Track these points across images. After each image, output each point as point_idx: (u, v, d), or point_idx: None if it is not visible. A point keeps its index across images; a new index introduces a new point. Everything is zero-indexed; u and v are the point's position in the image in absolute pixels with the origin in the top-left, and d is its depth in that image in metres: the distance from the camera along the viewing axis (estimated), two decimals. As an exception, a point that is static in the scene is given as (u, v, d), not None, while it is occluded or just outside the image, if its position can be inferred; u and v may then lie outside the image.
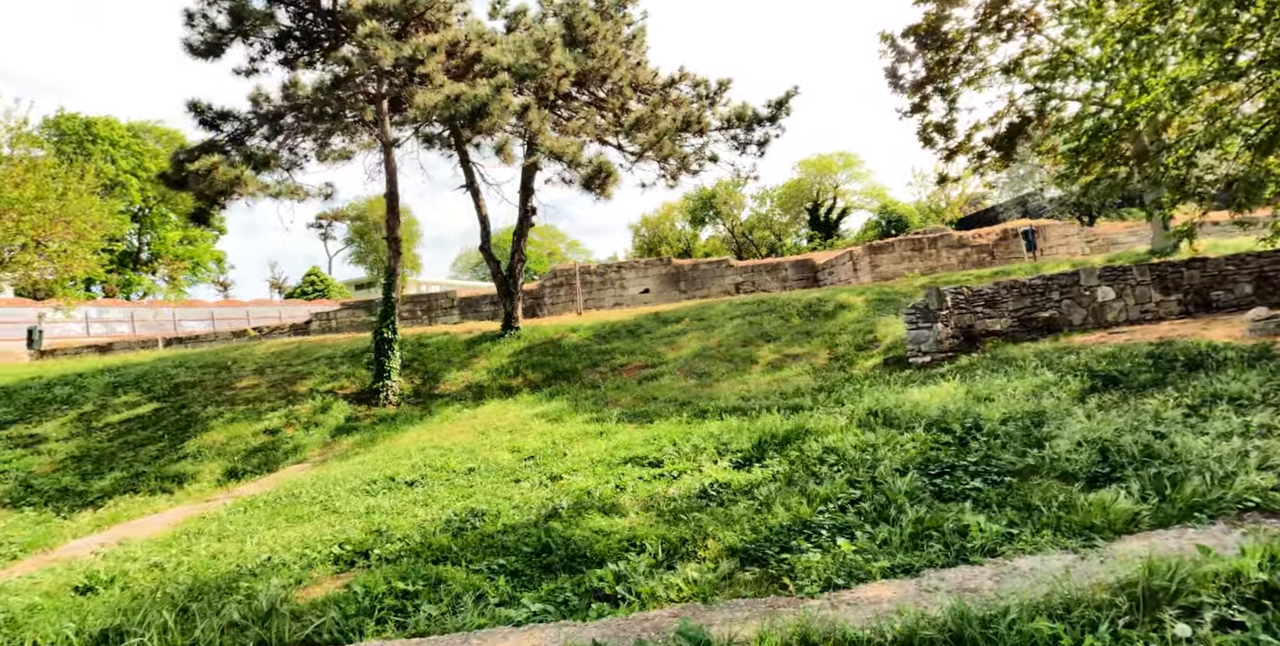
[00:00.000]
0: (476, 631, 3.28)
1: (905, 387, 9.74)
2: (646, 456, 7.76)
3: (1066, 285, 14.04)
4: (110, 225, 23.43)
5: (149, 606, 3.93)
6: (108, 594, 4.54)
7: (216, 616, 3.67)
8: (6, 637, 3.62)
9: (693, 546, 4.28)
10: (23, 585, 5.06)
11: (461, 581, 3.96)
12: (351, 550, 4.90)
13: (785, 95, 15.22)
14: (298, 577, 4.47)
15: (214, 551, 5.40)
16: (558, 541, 4.50)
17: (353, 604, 3.77)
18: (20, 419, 13.81)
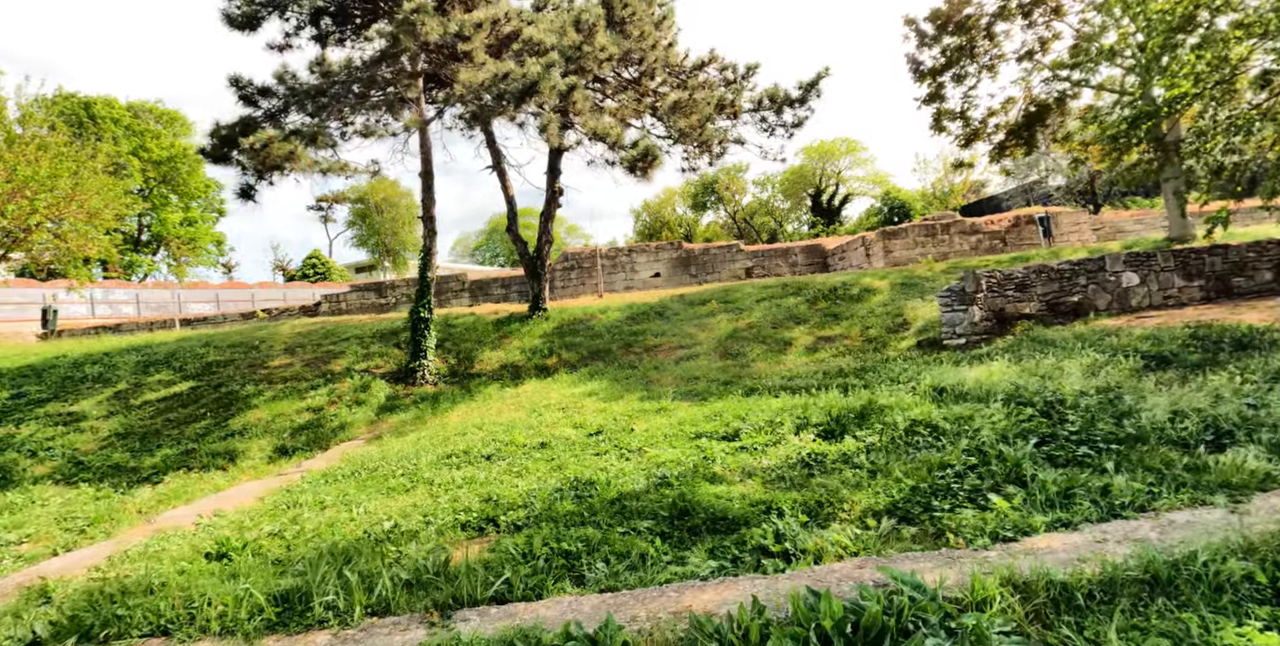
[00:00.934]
0: (667, 585, 3.40)
1: (957, 367, 9.92)
2: (716, 431, 7.90)
3: (1093, 270, 14.29)
4: (123, 205, 23.15)
5: (309, 568, 4.02)
6: (241, 560, 4.60)
7: (389, 574, 3.76)
8: (180, 600, 3.69)
9: (831, 509, 4.41)
10: (148, 552, 5.13)
11: (617, 542, 4.07)
12: (478, 517, 4.99)
13: (816, 77, 15.24)
14: (434, 542, 4.57)
15: (327, 520, 5.48)
16: (693, 505, 4.62)
17: (519, 564, 3.88)
18: (54, 397, 13.76)
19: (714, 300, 17.48)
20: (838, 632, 2.62)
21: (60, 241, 21.72)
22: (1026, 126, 19.50)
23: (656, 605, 3.15)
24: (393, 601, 3.42)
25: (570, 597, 3.36)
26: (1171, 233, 18.37)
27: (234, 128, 11.97)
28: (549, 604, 3.30)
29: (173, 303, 33.14)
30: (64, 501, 9.33)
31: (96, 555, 5.23)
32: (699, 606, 3.08)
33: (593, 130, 12.66)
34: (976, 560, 3.35)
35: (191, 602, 3.59)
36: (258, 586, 3.78)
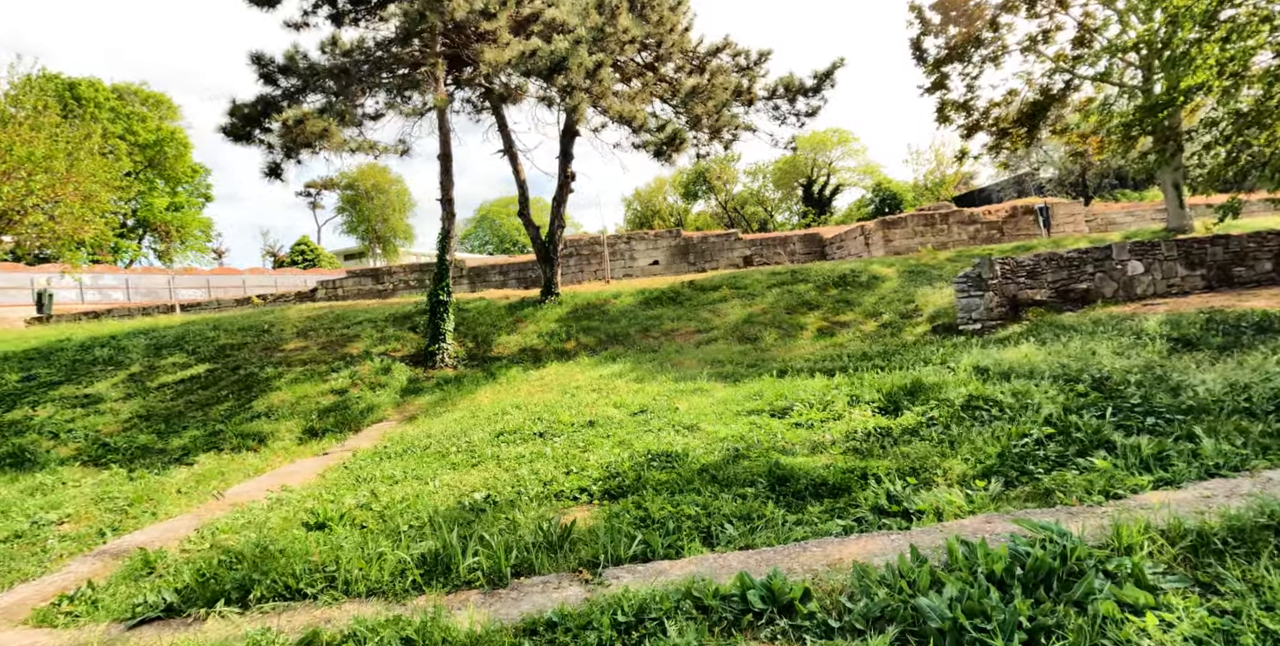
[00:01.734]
0: (804, 542, 3.51)
1: (985, 349, 10.14)
2: (763, 408, 8.03)
3: (1099, 259, 14.63)
4: (118, 187, 22.72)
5: (440, 531, 4.08)
6: (342, 530, 4.63)
7: (514, 538, 3.84)
8: (307, 565, 3.73)
9: (926, 475, 4.56)
10: (241, 524, 5.14)
11: (727, 507, 4.18)
12: (570, 487, 5.07)
13: (831, 66, 15.34)
14: (536, 510, 4.64)
15: (413, 492, 5.50)
16: (790, 473, 4.74)
17: (642, 527, 3.97)
18: (67, 380, 13.56)
19: (725, 286, 17.61)
20: (1008, 575, 2.76)
21: (55, 224, 21.29)
22: (1030, 117, 19.79)
23: (805, 559, 3.26)
24: (536, 562, 3.49)
25: (713, 555, 3.46)
26: (1170, 224, 18.80)
27: (255, 106, 11.81)
28: (693, 561, 3.40)
29: (163, 288, 32.62)
30: (96, 482, 9.25)
31: (177, 529, 5.23)
32: (848, 558, 3.20)
33: (619, 113, 12.66)
34: (1095, 514, 3.50)
35: (324, 567, 3.63)
36: (386, 551, 3.82)
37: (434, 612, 2.83)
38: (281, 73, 12.05)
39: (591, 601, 2.94)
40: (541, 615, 2.86)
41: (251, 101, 12.27)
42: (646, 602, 2.76)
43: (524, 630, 2.75)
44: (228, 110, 12.40)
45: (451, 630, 2.73)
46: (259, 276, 36.73)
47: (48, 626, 3.40)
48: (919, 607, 2.58)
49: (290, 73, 12.05)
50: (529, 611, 2.96)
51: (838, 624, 2.63)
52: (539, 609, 2.98)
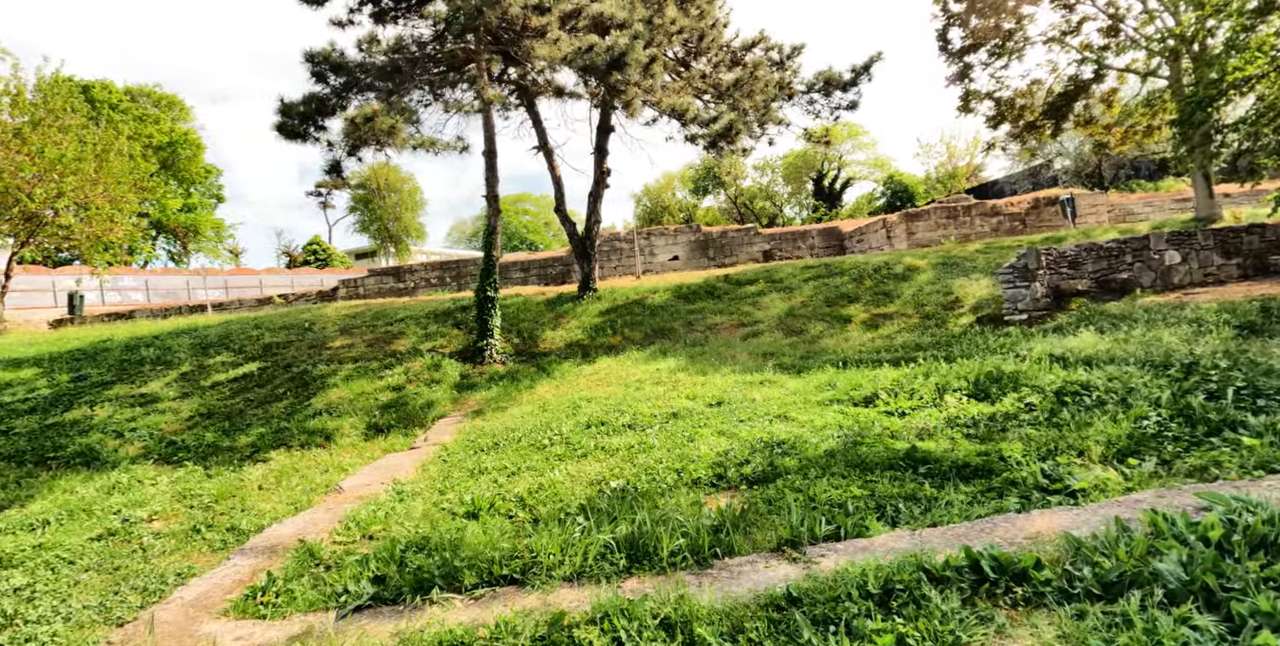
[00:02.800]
0: (989, 519, 3.61)
1: (1047, 338, 10.25)
2: (843, 398, 8.13)
3: (1138, 249, 14.73)
4: (146, 187, 22.76)
5: (588, 519, 4.17)
6: (492, 519, 4.70)
7: (694, 521, 3.92)
8: (496, 553, 3.80)
9: (1065, 456, 4.65)
10: (384, 516, 5.19)
11: (891, 488, 4.27)
12: (706, 475, 5.16)
13: (869, 60, 15.42)
14: (683, 496, 4.72)
15: (533, 483, 5.57)
16: (928, 456, 4.83)
17: (809, 509, 4.06)
18: (118, 380, 13.64)
19: (760, 280, 17.70)
20: (1225, 541, 2.85)
21: (84, 225, 21.33)
22: (1058, 108, 19.85)
23: (1000, 533, 3.36)
24: (734, 543, 3.58)
25: (905, 532, 3.55)
26: (1199, 213, 18.89)
27: (309, 104, 11.86)
28: (892, 537, 3.50)
29: (182, 289, 32.67)
30: (172, 480, 9.33)
31: (315, 522, 5.30)
32: (1046, 531, 3.29)
33: (670, 107, 12.73)
34: (1262, 487, 3.60)
35: (515, 554, 3.71)
36: (588, 536, 3.88)
37: (678, 590, 2.92)
38: (333, 71, 12.09)
39: (814, 576, 3.03)
40: (772, 591, 2.95)
41: (302, 99, 12.32)
42: (890, 575, 2.85)
43: (766, 605, 2.84)
44: (278, 109, 12.45)
45: (698, 607, 2.83)
46: (275, 276, 36.77)
47: (252, 617, 3.47)
48: (1158, 571, 2.68)
49: (341, 71, 12.09)
50: (754, 588, 3.05)
51: (1075, 590, 2.73)
52: (762, 585, 3.08)
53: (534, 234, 63.27)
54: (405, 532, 4.38)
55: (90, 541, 7.46)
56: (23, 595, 6.15)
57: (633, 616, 2.75)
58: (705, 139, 12.83)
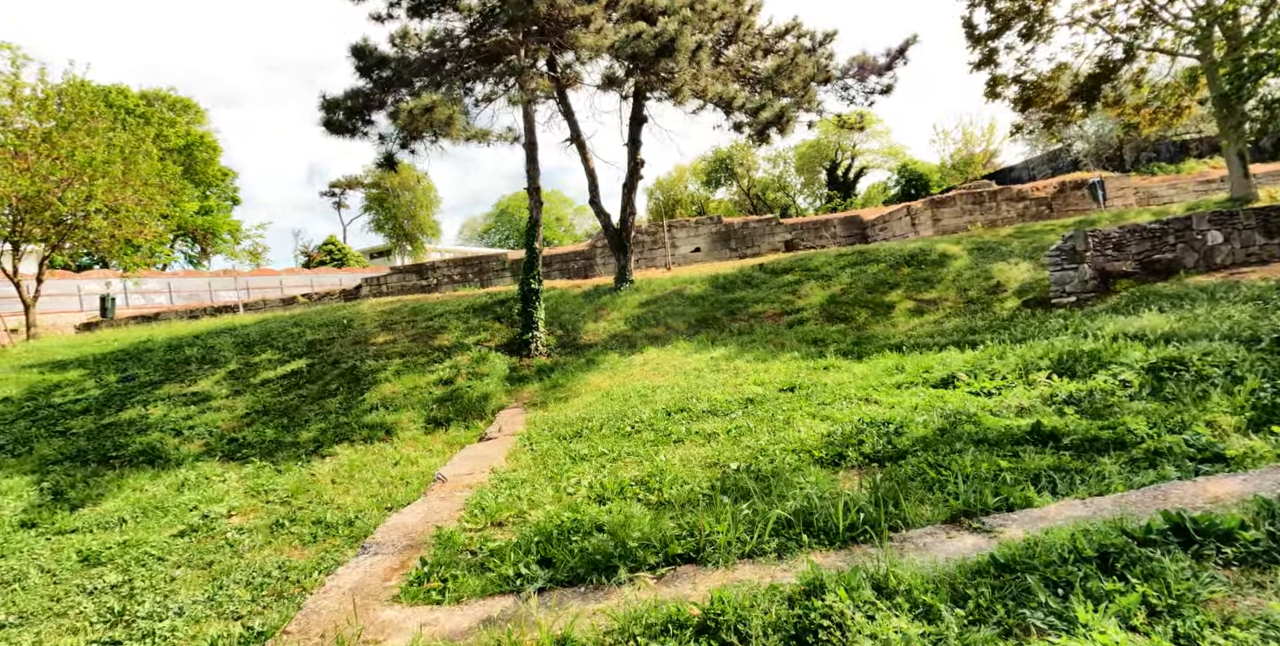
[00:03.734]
0: (1156, 486, 3.58)
1: (1110, 318, 10.19)
2: (915, 381, 8.09)
3: (1180, 229, 14.59)
4: (174, 189, 22.80)
5: (724, 500, 4.15)
6: (623, 503, 4.67)
7: (848, 497, 3.90)
8: (660, 533, 3.77)
9: (1193, 430, 4.61)
10: (506, 502, 5.15)
11: (1032, 461, 4.24)
12: (825, 454, 5.14)
13: (904, 43, 15.32)
14: (812, 475, 4.69)
15: (644, 470, 5.54)
16: (1055, 431, 4.80)
17: (950, 483, 4.04)
18: (166, 379, 13.68)
19: (796, 268, 17.64)
20: None
21: (115, 228, 21.38)
22: (1088, 89, 19.69)
23: (1176, 499, 3.33)
24: (907, 515, 3.56)
25: (1077, 501, 3.53)
26: (1234, 193, 18.74)
27: (356, 99, 11.83)
28: (1062, 507, 3.47)
29: (205, 291, 32.76)
30: (240, 476, 9.37)
31: (432, 511, 5.27)
32: (1224, 496, 3.26)
33: (717, 95, 12.66)
34: None
35: (687, 533, 3.68)
36: (723, 516, 3.88)
37: (879, 561, 2.90)
38: (377, 66, 12.05)
39: (1008, 544, 3.01)
40: (979, 557, 2.92)
41: (346, 95, 12.29)
42: (1100, 539, 2.82)
43: (975, 572, 2.82)
44: (322, 105, 12.43)
45: (908, 573, 2.81)
46: (295, 276, 36.82)
47: (426, 603, 3.44)
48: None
49: (385, 65, 12.05)
50: (950, 557, 3.03)
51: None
52: (956, 554, 3.05)
53: (545, 230, 63.19)
54: (544, 518, 4.36)
55: (173, 538, 7.51)
56: (121, 592, 6.18)
57: (850, 586, 2.73)
58: (754, 126, 12.77)
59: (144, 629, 5.20)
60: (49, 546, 7.58)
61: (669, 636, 2.59)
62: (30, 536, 7.96)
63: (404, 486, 8.04)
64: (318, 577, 5.71)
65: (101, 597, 6.06)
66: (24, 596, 6.24)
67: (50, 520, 8.33)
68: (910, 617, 2.55)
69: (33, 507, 8.75)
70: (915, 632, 2.45)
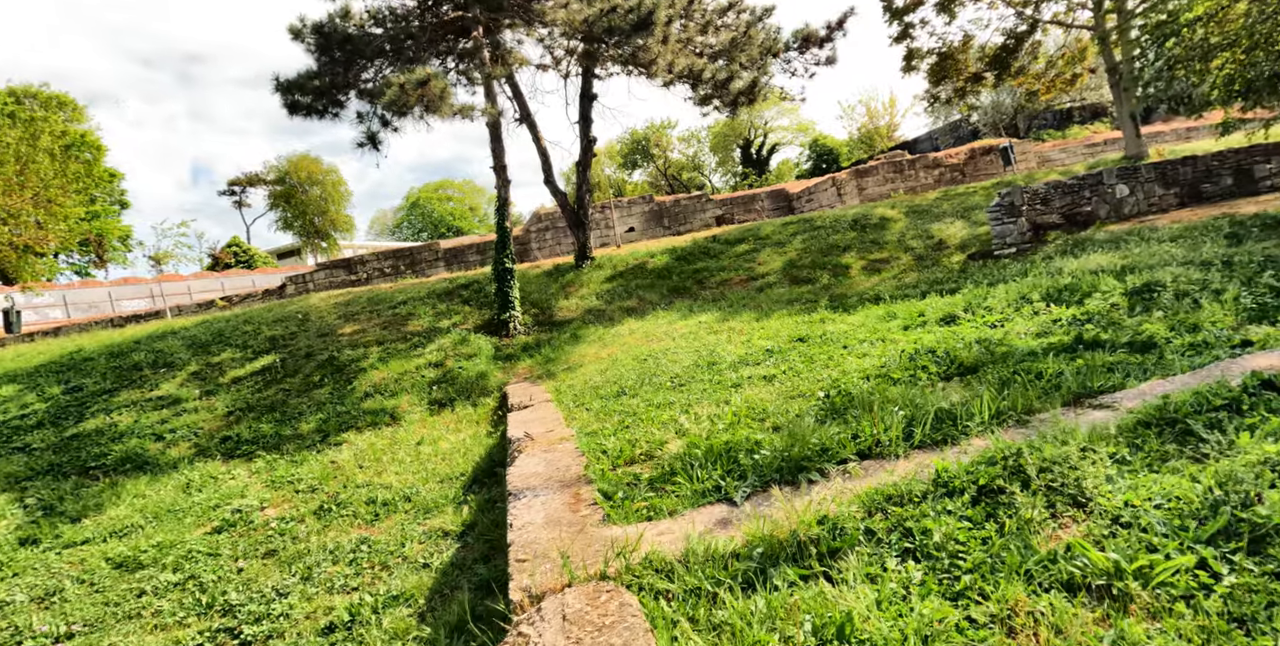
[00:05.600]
0: (1211, 364, 4.23)
1: (1065, 259, 11.24)
2: (913, 323, 8.72)
3: (1093, 184, 16.10)
4: (78, 190, 21.01)
5: (859, 413, 4.55)
6: (744, 429, 4.98)
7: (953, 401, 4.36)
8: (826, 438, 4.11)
9: (1205, 330, 5.36)
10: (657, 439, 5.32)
11: (1101, 358, 4.85)
12: (903, 375, 5.62)
13: (843, 16, 16.03)
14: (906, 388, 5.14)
15: (732, 407, 5.86)
16: (1096, 339, 5.45)
17: (1054, 380, 4.58)
18: (119, 387, 12.82)
19: (749, 238, 18.26)
20: None
21: (14, 236, 19.57)
22: (1000, 60, 21.21)
23: (1238, 369, 3.96)
24: (1030, 402, 4.05)
25: (1160, 381, 4.12)
26: (1128, 151, 20.76)
27: (320, 78, 11.32)
28: (1152, 385, 4.06)
29: (105, 301, 30.28)
30: (251, 472, 9.05)
31: (551, 462, 5.35)
32: (1262, 368, 3.91)
33: (686, 68, 12.90)
34: None
35: (854, 436, 4.03)
36: (876, 421, 4.25)
37: (1048, 428, 3.36)
38: (340, 44, 11.55)
39: (1135, 411, 3.53)
40: (1116, 421, 3.43)
41: (307, 75, 11.73)
42: (1223, 394, 3.39)
43: (1133, 427, 3.32)
44: (280, 86, 11.82)
45: (1084, 432, 3.29)
46: (204, 281, 34.56)
47: (640, 520, 3.52)
48: None
49: (348, 43, 11.57)
50: (1096, 425, 3.51)
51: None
52: (1097, 422, 3.55)
53: (460, 220, 61.72)
54: (683, 448, 4.59)
55: (209, 535, 7.27)
56: (189, 588, 5.99)
57: (1037, 449, 3.15)
58: (725, 98, 13.11)
59: (252, 612, 5.10)
60: (64, 559, 7.16)
61: (940, 498, 2.93)
62: (36, 552, 7.49)
63: (445, 461, 8.03)
64: (414, 546, 5.72)
65: (172, 595, 5.84)
66: (74, 606, 5.94)
67: (52, 534, 7.84)
68: (1110, 461, 3.01)
69: (26, 524, 8.18)
70: (1117, 471, 2.91)
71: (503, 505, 5.97)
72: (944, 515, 2.86)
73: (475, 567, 4.85)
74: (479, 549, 5.19)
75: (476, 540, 5.41)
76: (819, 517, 2.99)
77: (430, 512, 6.46)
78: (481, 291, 15.95)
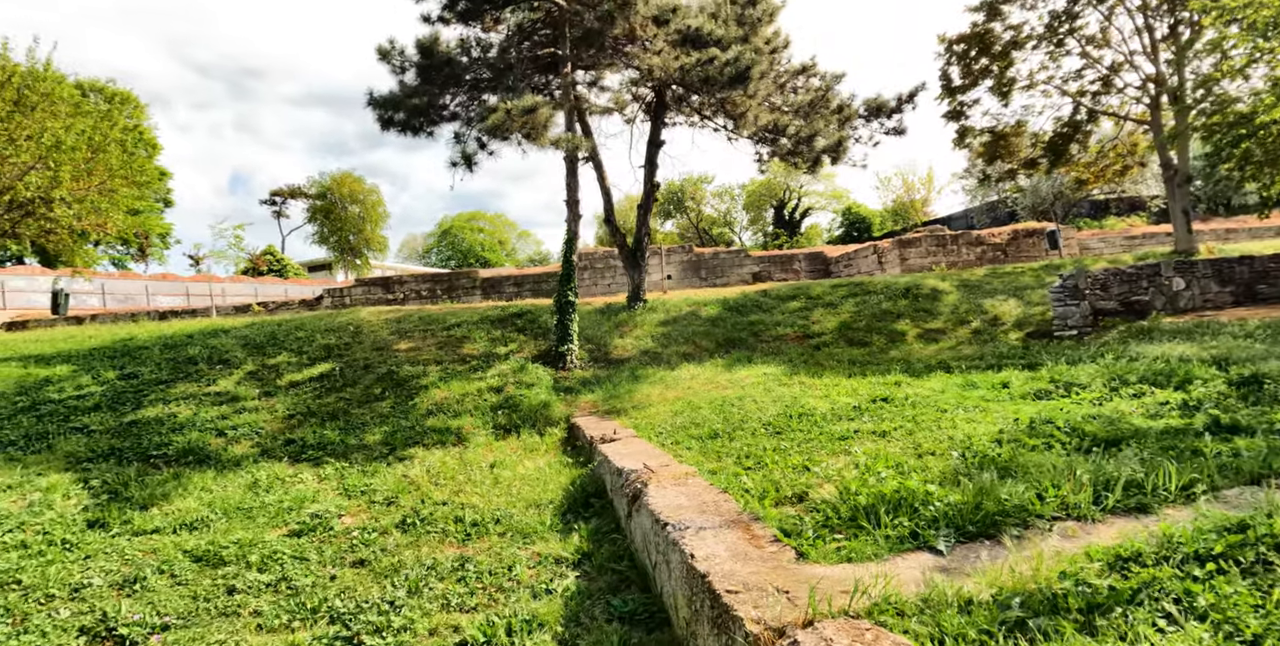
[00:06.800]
0: None
1: (1139, 345, 11.26)
2: (999, 395, 8.71)
3: (1151, 275, 16.26)
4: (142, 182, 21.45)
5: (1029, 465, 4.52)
6: (900, 478, 4.95)
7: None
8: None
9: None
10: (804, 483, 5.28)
11: (1252, 444, 4.82)
12: (1038, 442, 5.58)
13: (914, 89, 16.57)
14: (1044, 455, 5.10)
15: (861, 455, 5.83)
16: (1233, 424, 5.45)
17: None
18: (176, 379, 12.80)
19: (801, 296, 18.39)
20: None
21: (75, 219, 19.89)
22: (1056, 146, 21.73)
23: None
24: (1216, 480, 4.03)
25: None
26: (1178, 246, 21.01)
27: (417, 96, 11.68)
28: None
29: (141, 294, 30.52)
30: (320, 477, 8.95)
31: (692, 496, 5.29)
32: None
33: (770, 123, 13.28)
34: None
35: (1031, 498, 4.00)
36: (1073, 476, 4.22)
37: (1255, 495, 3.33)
38: (437, 69, 11.96)
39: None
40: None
41: (403, 94, 12.14)
42: None
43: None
44: (375, 102, 12.20)
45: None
46: (239, 284, 34.84)
47: (838, 561, 3.53)
48: None
49: (446, 67, 11.98)
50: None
51: None
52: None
53: (489, 252, 62.45)
54: (838, 493, 4.55)
55: (287, 537, 7.16)
56: (282, 591, 5.85)
57: (1265, 521, 3.12)
58: (807, 155, 13.46)
59: (370, 622, 4.95)
60: (136, 547, 7.03)
61: (1182, 562, 2.90)
62: (105, 537, 7.36)
63: (529, 486, 7.93)
64: (523, 570, 5.59)
65: (266, 596, 5.71)
66: (161, 597, 5.81)
67: (120, 520, 7.71)
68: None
69: (93, 507, 8.06)
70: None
71: (618, 537, 5.89)
72: (1189, 579, 2.82)
73: (607, 598, 4.73)
74: (604, 580, 5.07)
75: (596, 570, 5.29)
76: (1059, 572, 2.94)
77: (529, 538, 6.34)
78: (535, 321, 16.02)
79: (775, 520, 4.22)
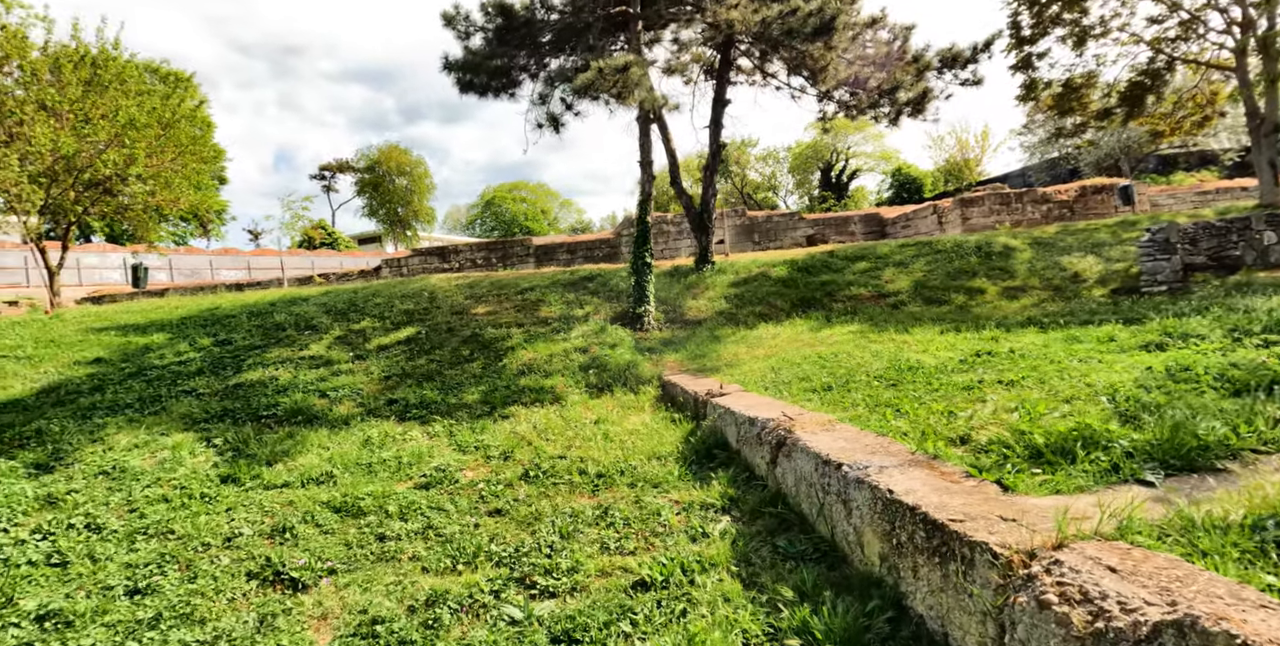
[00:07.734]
0: None
1: (1244, 298, 10.87)
2: (1110, 348, 8.52)
3: (1242, 228, 15.57)
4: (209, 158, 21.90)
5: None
6: (1059, 420, 4.92)
7: None
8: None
9: None
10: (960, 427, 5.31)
11: None
12: (1186, 388, 5.48)
13: (990, 37, 15.91)
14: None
15: (1022, 398, 5.80)
16: None
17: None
18: (268, 344, 13.21)
19: (868, 256, 18.11)
20: None
21: (149, 196, 20.43)
22: (1134, 97, 20.81)
23: None
24: None
25: None
26: (1263, 199, 20.08)
27: (497, 58, 11.64)
28: None
29: (205, 269, 31.43)
30: (430, 435, 9.18)
31: (852, 439, 5.34)
32: None
33: (853, 76, 12.97)
34: None
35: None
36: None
37: None
38: (517, 29, 11.88)
39: None
40: None
41: (480, 55, 12.10)
42: None
43: None
44: (451, 66, 12.19)
45: None
46: (296, 257, 35.61)
47: (1045, 493, 3.55)
48: None
49: (524, 28, 11.89)
50: None
51: None
52: None
53: (531, 221, 62.63)
54: (1010, 433, 4.54)
55: (416, 489, 7.38)
56: (430, 538, 6.04)
57: None
58: (891, 108, 13.13)
59: (537, 564, 5.11)
60: (272, 500, 7.31)
61: None
62: (239, 491, 7.68)
63: (642, 439, 8.06)
64: (670, 516, 5.71)
65: (417, 542, 5.92)
66: (314, 545, 6.05)
67: (250, 475, 8.02)
68: None
69: (223, 463, 8.41)
70: None
71: (757, 483, 5.97)
72: None
73: (771, 540, 4.82)
74: (761, 523, 5.15)
75: (747, 515, 5.37)
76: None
77: (660, 487, 6.46)
78: (606, 284, 16.10)
79: (956, 459, 4.22)
